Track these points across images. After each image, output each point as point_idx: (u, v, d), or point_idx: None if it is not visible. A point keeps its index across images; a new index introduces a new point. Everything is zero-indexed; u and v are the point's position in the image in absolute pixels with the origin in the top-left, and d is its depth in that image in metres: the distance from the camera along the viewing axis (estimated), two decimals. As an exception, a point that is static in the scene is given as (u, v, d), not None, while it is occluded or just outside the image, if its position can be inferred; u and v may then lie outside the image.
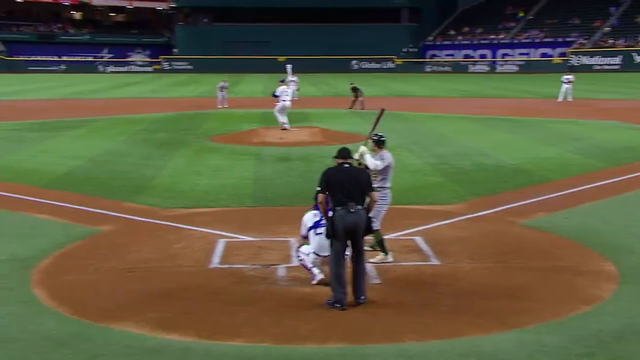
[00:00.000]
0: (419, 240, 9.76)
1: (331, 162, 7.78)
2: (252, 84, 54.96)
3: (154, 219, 11.02)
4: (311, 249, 7.89)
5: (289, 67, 33.62)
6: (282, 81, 25.58)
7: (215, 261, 8.78)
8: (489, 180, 14.42)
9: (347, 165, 7.54)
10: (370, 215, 7.47)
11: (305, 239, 8.06)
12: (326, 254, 7.60)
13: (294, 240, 9.07)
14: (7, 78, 61.43)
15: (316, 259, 7.84)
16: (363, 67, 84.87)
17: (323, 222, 7.63)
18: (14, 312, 6.95)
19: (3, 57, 77.35)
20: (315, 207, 7.93)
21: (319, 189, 7.49)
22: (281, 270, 8.37)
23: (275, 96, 23.44)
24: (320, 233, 7.69)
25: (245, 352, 6.09)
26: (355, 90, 31.50)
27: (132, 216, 11.25)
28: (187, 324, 6.70)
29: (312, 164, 16.02)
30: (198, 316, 6.92)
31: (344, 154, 7.63)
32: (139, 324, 6.66)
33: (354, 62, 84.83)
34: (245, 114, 29.76)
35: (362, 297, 7.30)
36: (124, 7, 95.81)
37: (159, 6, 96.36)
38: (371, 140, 8.90)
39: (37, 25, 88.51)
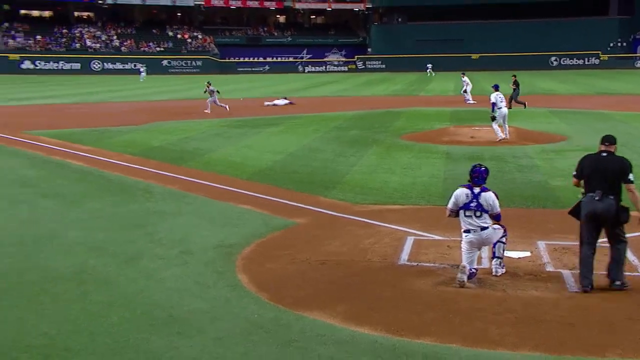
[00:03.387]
0: (625, 249, 8.93)
1: (525, 162, 7.46)
2: (444, 82, 54.32)
3: (346, 214, 11.33)
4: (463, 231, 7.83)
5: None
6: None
7: (404, 258, 8.80)
8: None
9: (604, 154, 7.36)
10: None
11: (452, 213, 7.94)
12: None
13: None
14: (219, 79, 66.96)
15: (469, 249, 7.69)
16: (563, 63, 79.90)
17: (472, 204, 7.68)
18: (223, 295, 7.55)
19: (217, 59, 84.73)
20: (467, 186, 7.87)
21: (574, 173, 7.62)
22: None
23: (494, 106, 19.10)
24: (470, 215, 7.68)
25: (433, 351, 6.03)
26: (516, 83, 29.68)
27: (325, 210, 11.67)
28: (376, 318, 6.80)
29: (504, 164, 15.37)
30: (386, 311, 6.98)
31: (606, 140, 7.47)
32: (331, 315, 6.89)
33: (553, 58, 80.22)
34: (435, 112, 29.50)
35: (617, 283, 7.28)
36: (324, 9, 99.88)
37: (356, 7, 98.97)
38: None
39: (246, 30, 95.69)
